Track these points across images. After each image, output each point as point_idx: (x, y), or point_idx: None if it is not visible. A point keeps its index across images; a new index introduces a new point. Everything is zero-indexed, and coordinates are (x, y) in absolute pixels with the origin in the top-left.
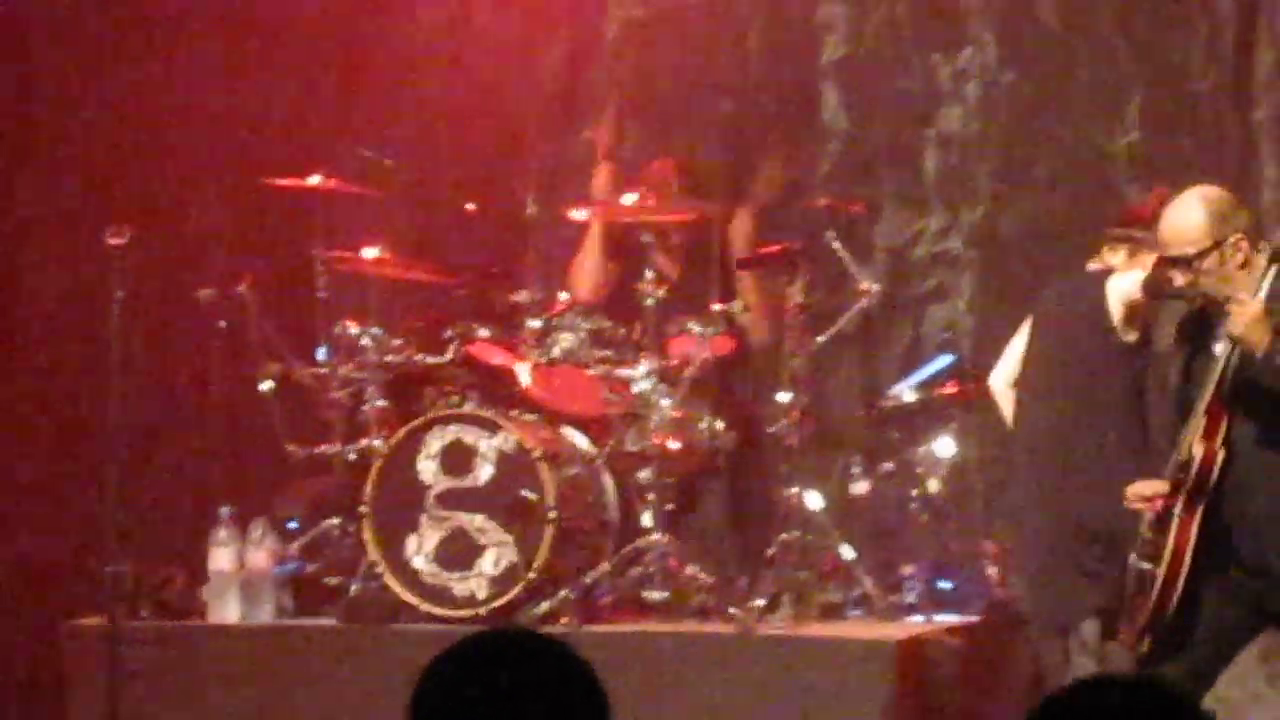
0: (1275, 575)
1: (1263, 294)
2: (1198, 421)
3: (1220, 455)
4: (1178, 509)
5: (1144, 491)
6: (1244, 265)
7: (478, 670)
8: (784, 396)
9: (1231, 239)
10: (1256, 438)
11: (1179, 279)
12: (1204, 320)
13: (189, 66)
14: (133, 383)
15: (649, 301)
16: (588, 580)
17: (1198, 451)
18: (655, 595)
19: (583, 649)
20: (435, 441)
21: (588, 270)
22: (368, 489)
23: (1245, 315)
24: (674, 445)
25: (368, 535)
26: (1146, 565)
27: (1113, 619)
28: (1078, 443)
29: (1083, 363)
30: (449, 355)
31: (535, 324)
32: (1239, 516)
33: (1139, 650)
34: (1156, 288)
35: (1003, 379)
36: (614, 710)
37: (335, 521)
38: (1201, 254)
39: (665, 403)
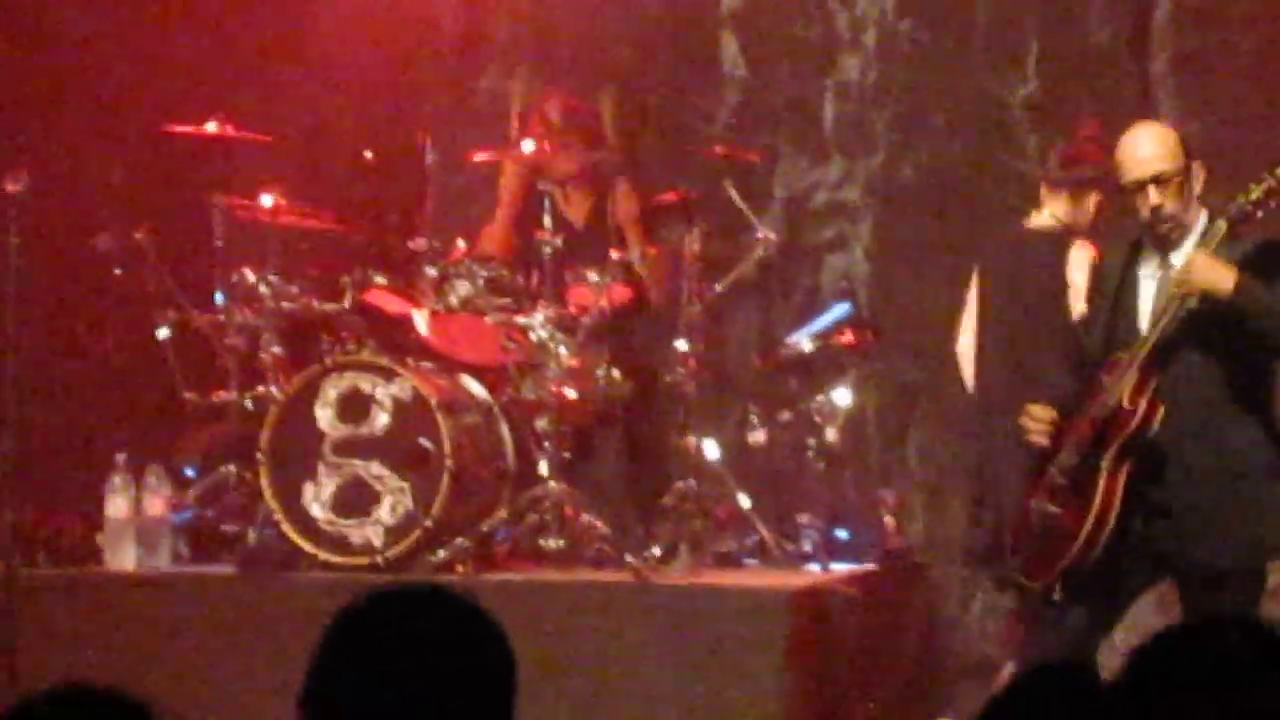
0: (1191, 522)
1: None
2: (1132, 375)
3: (1160, 411)
4: (1105, 461)
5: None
6: (1198, 196)
7: (383, 625)
8: (681, 345)
9: (1193, 164)
10: (1176, 393)
11: (1155, 197)
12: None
13: (86, 13)
14: (29, 330)
15: (547, 250)
16: (484, 528)
17: (1135, 406)
18: (552, 543)
19: (479, 597)
20: (332, 389)
21: (500, 239)
22: (264, 436)
23: (1196, 266)
24: (571, 394)
25: (264, 483)
26: (1055, 510)
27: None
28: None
29: (1039, 328)
30: (346, 303)
31: (433, 272)
32: (1166, 463)
33: (1051, 596)
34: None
35: (966, 342)
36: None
37: (232, 469)
38: (1181, 170)
39: (563, 351)
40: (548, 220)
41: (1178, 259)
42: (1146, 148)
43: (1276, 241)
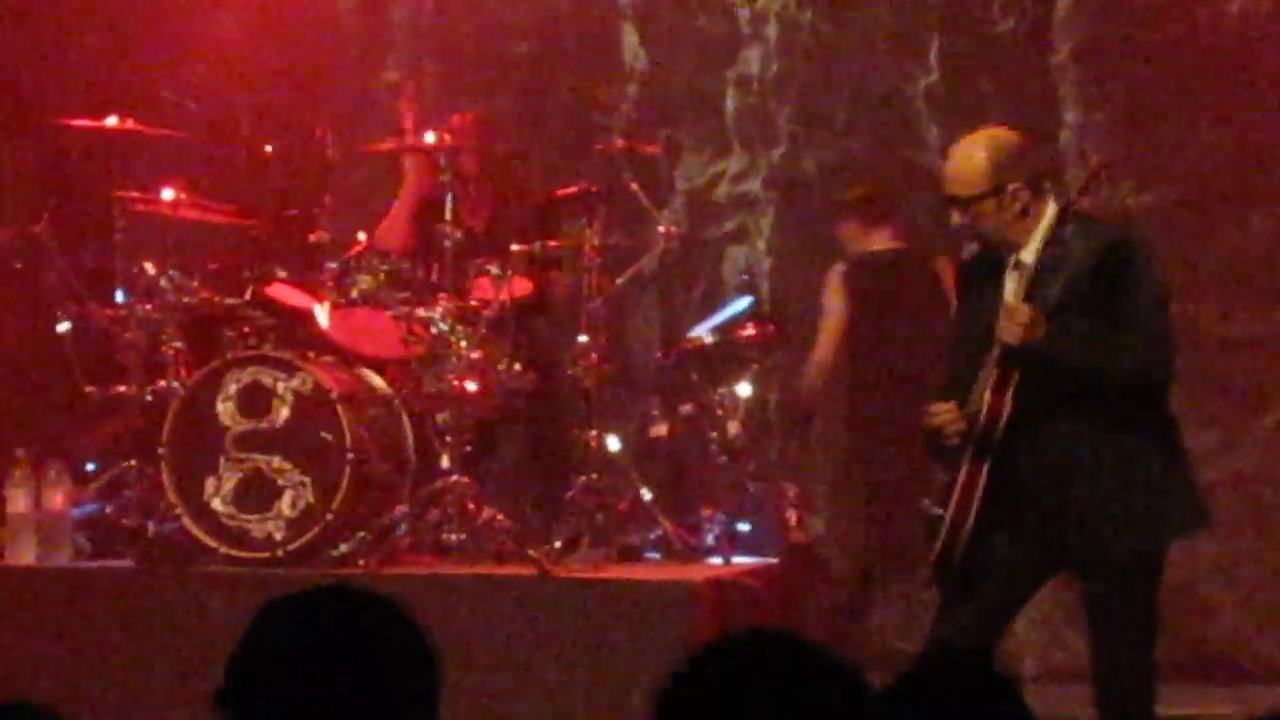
0: (1076, 523)
1: (1034, 244)
2: (989, 372)
3: (1007, 409)
4: (965, 459)
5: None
6: (1023, 213)
7: (307, 622)
8: (583, 339)
9: (1011, 186)
10: (1049, 391)
11: (956, 218)
12: (994, 266)
13: None
14: None
15: (448, 243)
16: (386, 522)
17: (987, 402)
18: (453, 537)
19: (380, 591)
20: (233, 383)
21: (399, 233)
22: (165, 430)
23: (1014, 322)
24: (472, 387)
25: (165, 477)
26: (938, 511)
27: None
28: None
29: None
30: (247, 297)
31: (333, 265)
32: (1038, 466)
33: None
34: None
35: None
36: None
37: (133, 463)
38: (980, 197)
39: (464, 345)
40: (449, 214)
41: (1026, 255)
42: (949, 168)
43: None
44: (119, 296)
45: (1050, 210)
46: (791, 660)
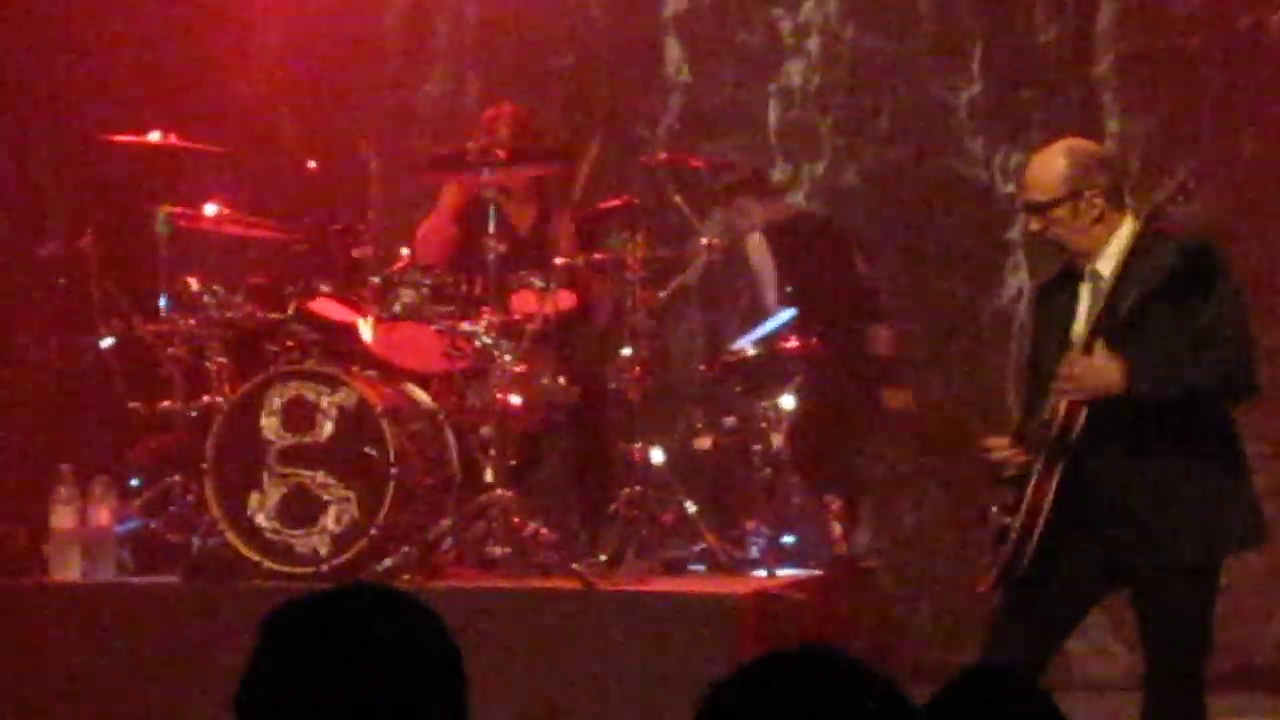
0: (1137, 532)
1: (1112, 256)
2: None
3: (1083, 414)
4: (1038, 466)
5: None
6: (1098, 220)
7: (321, 626)
8: (626, 351)
9: (1088, 193)
10: (1115, 401)
11: (1033, 224)
12: (1070, 280)
13: (29, 21)
14: None
15: (491, 256)
16: (430, 537)
17: (1061, 409)
18: (498, 551)
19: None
20: (277, 398)
21: (438, 241)
22: (209, 445)
23: (1083, 374)
24: (516, 400)
25: (209, 492)
26: (1006, 519)
27: None
28: None
29: None
30: (290, 311)
31: (377, 280)
32: (1100, 466)
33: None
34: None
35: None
36: None
37: (177, 479)
38: (1056, 202)
39: (507, 358)
40: (492, 226)
41: (1102, 265)
42: (1028, 174)
43: (1197, 248)
44: (163, 311)
45: (1128, 222)
46: (831, 675)
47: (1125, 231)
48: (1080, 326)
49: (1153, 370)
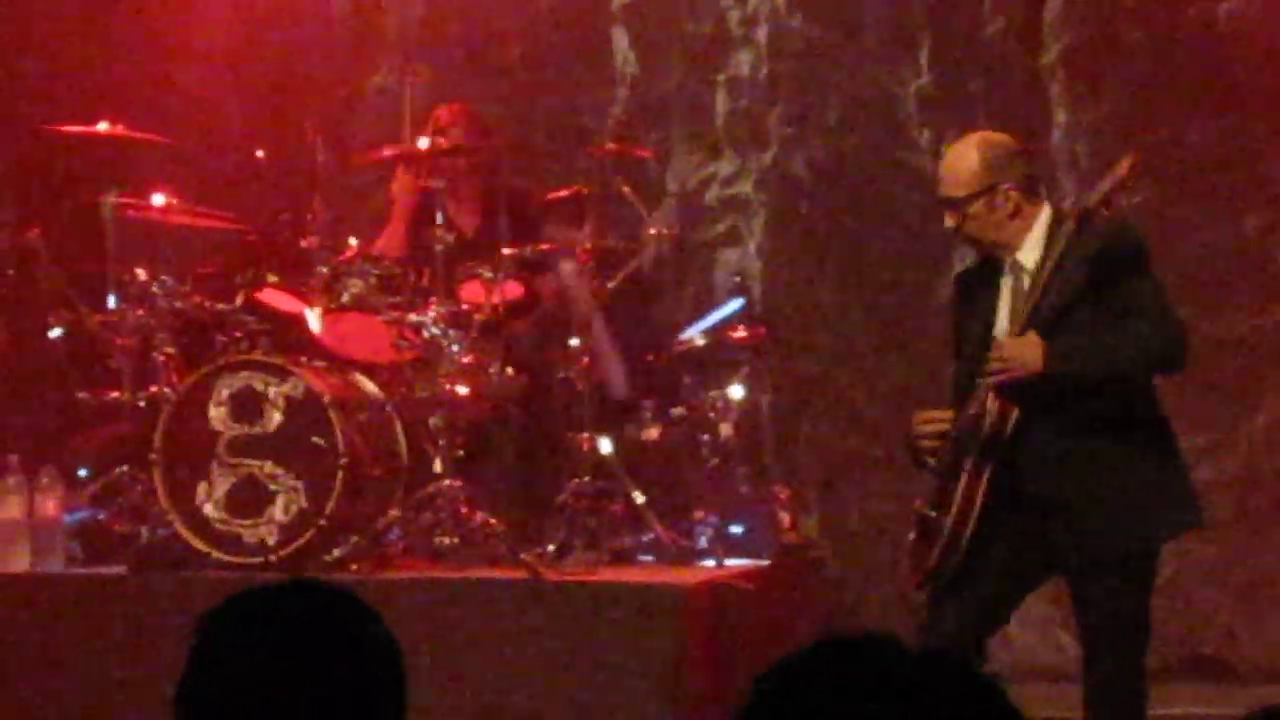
0: (1070, 521)
1: (1033, 246)
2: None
3: (1015, 416)
4: (967, 464)
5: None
6: (1014, 215)
7: (259, 622)
8: (574, 341)
9: (1003, 186)
10: (1044, 391)
11: (948, 220)
12: (991, 271)
13: None
14: None
15: (439, 248)
16: (378, 527)
17: (993, 407)
18: (446, 541)
19: (373, 596)
20: (225, 388)
21: (399, 243)
22: (157, 436)
23: (1006, 354)
24: (464, 391)
25: (158, 483)
26: (931, 512)
27: None
28: None
29: None
30: (238, 302)
31: (324, 270)
32: (1031, 457)
33: (922, 594)
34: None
35: None
36: (404, 658)
37: (125, 469)
38: (972, 197)
39: (455, 348)
40: (439, 218)
41: (1024, 257)
42: (941, 170)
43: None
44: (111, 302)
45: (1045, 211)
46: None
47: (1044, 220)
48: (1002, 319)
49: (1075, 349)
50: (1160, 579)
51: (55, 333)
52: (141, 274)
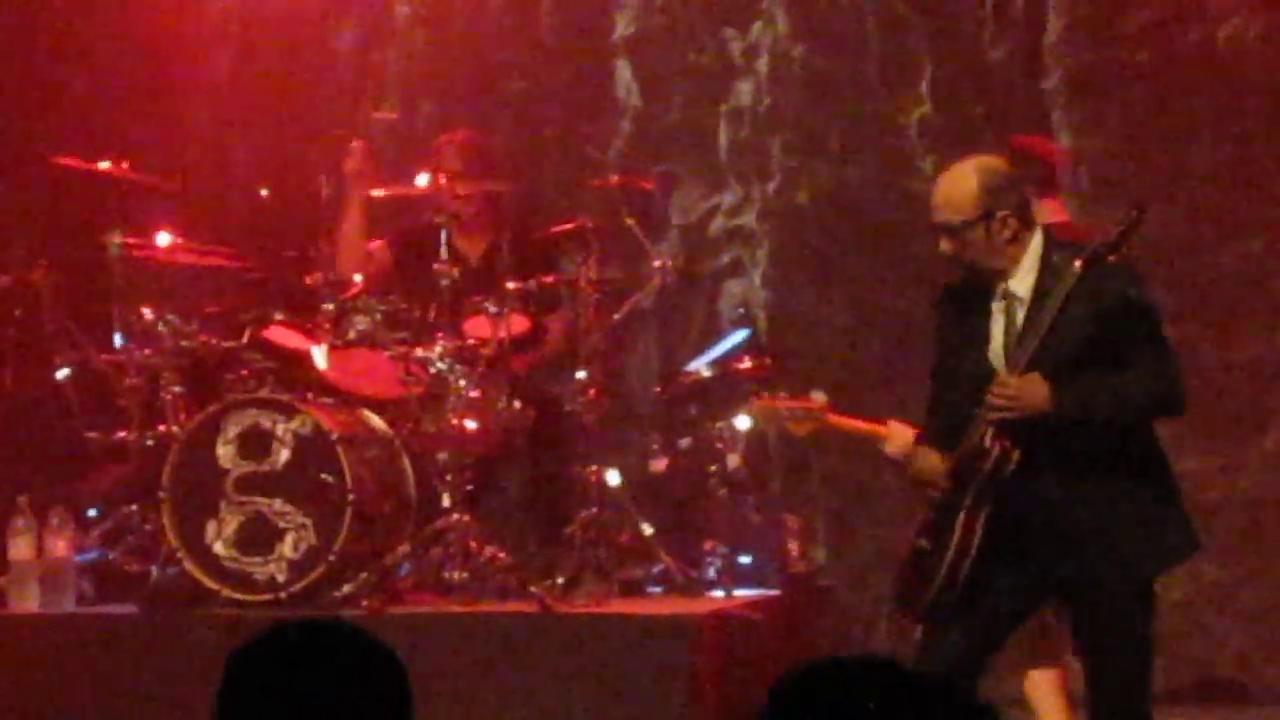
0: (1070, 554)
1: (1025, 274)
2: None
3: (1016, 455)
4: (966, 500)
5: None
6: (1012, 241)
7: (282, 661)
8: (581, 374)
9: (1000, 213)
10: (1041, 427)
11: (944, 246)
12: (978, 295)
13: None
14: None
15: (444, 282)
16: (388, 562)
17: (993, 447)
18: (456, 576)
19: (384, 631)
20: (233, 426)
21: (351, 245)
22: (166, 475)
23: (1012, 395)
24: (472, 425)
25: (167, 521)
26: (924, 544)
27: None
28: None
29: None
30: (245, 340)
31: (330, 307)
32: (1031, 494)
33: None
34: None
35: None
36: (417, 692)
37: (134, 508)
38: (969, 224)
39: (462, 383)
40: (444, 252)
41: (1016, 285)
42: (937, 194)
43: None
44: (117, 341)
45: (1037, 237)
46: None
47: (1035, 245)
48: (996, 349)
49: (1084, 394)
50: (1171, 602)
51: (62, 373)
52: (148, 313)
